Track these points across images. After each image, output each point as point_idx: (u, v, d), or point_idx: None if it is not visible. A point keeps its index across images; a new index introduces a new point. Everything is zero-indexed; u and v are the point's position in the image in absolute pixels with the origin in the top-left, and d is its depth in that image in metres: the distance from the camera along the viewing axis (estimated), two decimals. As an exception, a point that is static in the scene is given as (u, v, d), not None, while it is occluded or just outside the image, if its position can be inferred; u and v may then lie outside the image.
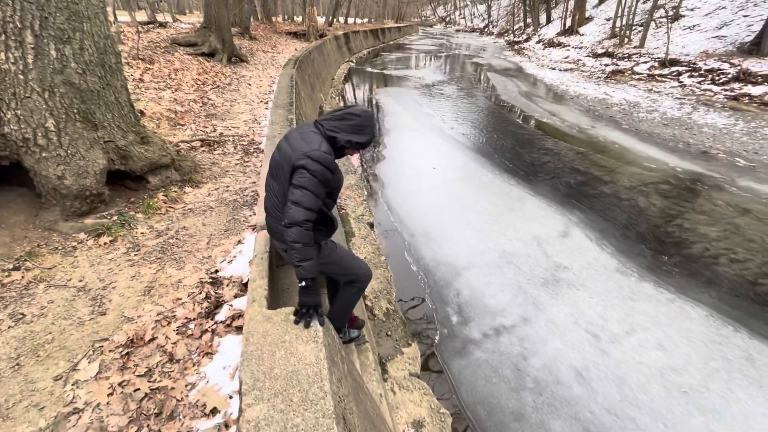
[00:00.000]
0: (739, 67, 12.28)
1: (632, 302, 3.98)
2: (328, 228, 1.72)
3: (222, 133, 5.33)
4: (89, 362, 1.68)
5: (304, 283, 1.42)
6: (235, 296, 2.06)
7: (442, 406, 2.93)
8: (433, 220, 5.49)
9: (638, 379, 3.15)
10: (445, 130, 9.33)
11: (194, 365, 1.66)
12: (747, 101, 10.59)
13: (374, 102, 12.29)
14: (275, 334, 1.32)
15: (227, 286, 2.17)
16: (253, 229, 2.01)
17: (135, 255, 2.65)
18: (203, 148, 4.71)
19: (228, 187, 3.77)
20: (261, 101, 8.00)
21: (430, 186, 6.51)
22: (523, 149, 8.09)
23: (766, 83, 11.08)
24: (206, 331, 1.84)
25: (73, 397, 1.50)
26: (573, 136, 8.75)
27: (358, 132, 1.59)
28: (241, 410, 1.08)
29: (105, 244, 2.70)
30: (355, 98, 13.00)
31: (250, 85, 9.32)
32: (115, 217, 3.01)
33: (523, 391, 3.07)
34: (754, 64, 12.27)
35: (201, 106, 6.73)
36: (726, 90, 11.52)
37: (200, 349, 1.74)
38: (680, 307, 3.93)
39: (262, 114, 6.95)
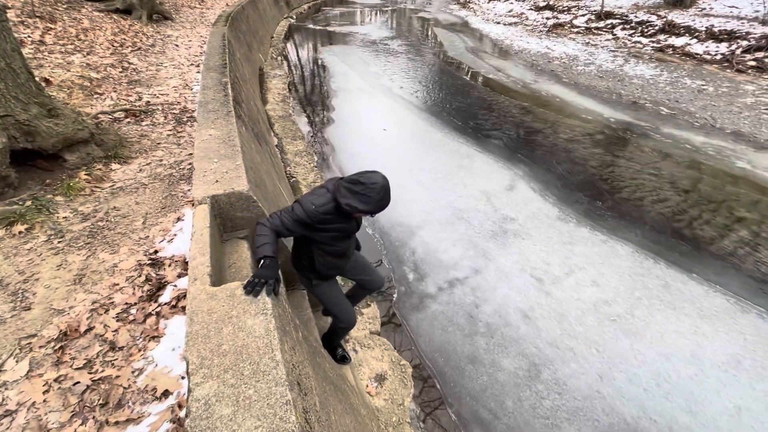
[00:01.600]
0: (664, 19, 13.00)
1: (571, 246, 4.33)
2: (317, 268, 1.98)
3: (149, 102, 4.82)
4: (17, 361, 1.54)
5: (262, 261, 1.54)
6: (179, 276, 1.96)
7: (403, 359, 3.09)
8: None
9: (575, 314, 3.50)
10: (394, 89, 9.14)
11: (140, 351, 1.58)
12: (671, 52, 11.33)
13: (319, 62, 11.66)
14: (221, 310, 1.27)
15: (169, 266, 2.05)
16: (193, 205, 1.88)
17: (59, 242, 2.40)
18: (128, 120, 4.25)
19: (161, 161, 3.47)
20: (192, 64, 7.28)
21: (382, 148, 6.44)
22: (471, 107, 8.18)
23: (687, 34, 11.87)
24: (150, 314, 1.75)
25: (2, 400, 1.38)
26: (518, 92, 8.95)
27: (359, 199, 1.66)
28: (189, 390, 1.05)
29: (20, 233, 2.41)
30: (299, 58, 12.24)
31: (177, 46, 8.41)
32: (28, 202, 2.68)
33: (476, 336, 3.30)
34: (677, 16, 13.04)
35: (121, 72, 5.99)
36: (653, 42, 12.22)
37: (145, 334, 1.66)
38: (611, 246, 4.34)
39: (193, 79, 6.35)
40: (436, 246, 4.31)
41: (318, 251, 1.91)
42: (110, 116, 4.24)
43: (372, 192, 1.65)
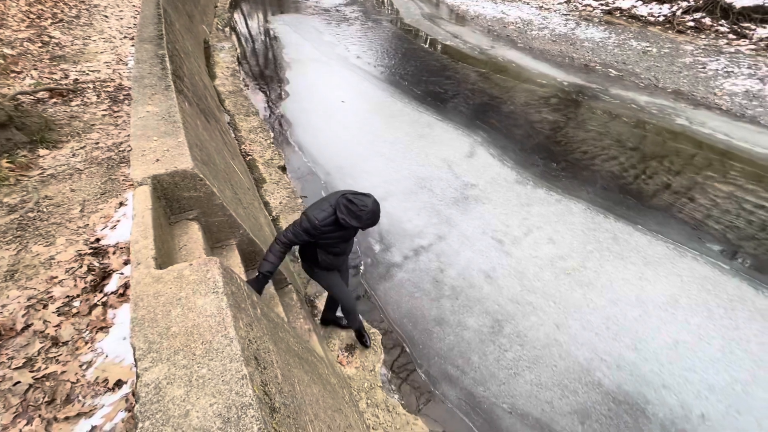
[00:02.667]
0: (612, -19, 13.22)
1: (528, 207, 4.50)
2: (320, 262, 2.34)
3: (77, 80, 4.36)
4: (-53, 368, 1.40)
5: (257, 273, 1.96)
6: (125, 263, 1.84)
7: (372, 327, 3.15)
8: (347, 155, 5.39)
9: (534, 271, 3.69)
10: (351, 59, 8.83)
11: (87, 343, 1.49)
12: (618, 15, 11.64)
13: (270, 32, 11.00)
14: (168, 293, 1.21)
15: (114, 254, 1.92)
16: (133, 187, 1.74)
17: (-15, 238, 2.16)
18: (54, 100, 3.83)
19: (98, 143, 3.18)
20: (125, 37, 6.62)
21: (341, 120, 6.28)
22: (430, 75, 8.08)
23: (632, -4, 12.18)
24: (96, 305, 1.64)
25: (-67, 410, 1.26)
26: (475, 58, 8.93)
27: (353, 216, 1.99)
28: (138, 375, 1.00)
29: (-63, 231, 2.15)
30: (248, 29, 11.47)
31: (106, 17, 7.59)
32: (-57, 197, 2.38)
33: (442, 299, 3.41)
34: (623, -22, 13.30)
35: (41, 47, 5.35)
36: (602, 4, 12.48)
37: (92, 326, 1.56)
38: (565, 205, 4.55)
39: (128, 53, 5.79)
40: (400, 216, 4.33)
41: (321, 251, 2.27)
42: (32, 96, 3.80)
43: (362, 213, 1.97)
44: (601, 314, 3.28)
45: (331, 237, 2.16)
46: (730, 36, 9.53)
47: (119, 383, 1.34)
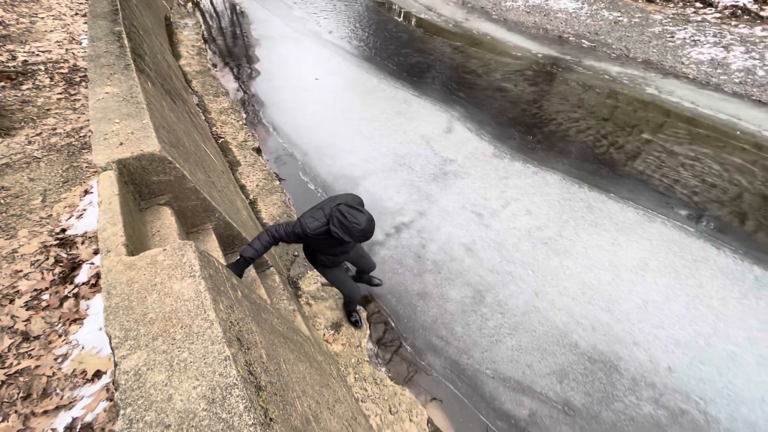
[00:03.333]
0: (584, -51, 13.09)
1: (506, 180, 4.56)
2: (318, 262, 2.43)
3: (26, 61, 4.04)
4: None
5: (239, 257, 1.93)
6: (95, 253, 1.77)
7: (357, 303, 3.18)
8: (324, 135, 5.28)
9: (512, 242, 3.78)
10: (323, 34, 8.52)
11: (60, 336, 1.44)
12: (590, -17, 11.59)
13: (236, 7, 10.45)
14: (143, 279, 1.17)
15: (82, 244, 1.83)
16: (97, 173, 1.65)
17: (-62, 234, 2.02)
18: (2, 84, 3.55)
19: (55, 129, 2.98)
20: (77, 14, 6.15)
21: (316, 98, 6.11)
22: (405, 49, 7.91)
23: (604, -36, 12.12)
24: (67, 297, 1.58)
25: None
26: (450, 31, 8.77)
27: (345, 231, 1.96)
28: (116, 364, 0.97)
29: None
30: (212, 4, 10.85)
31: (53, -9, 6.99)
32: None
33: (424, 274, 3.46)
34: (595, -55, 13.18)
35: (-18, 26, 4.90)
36: (574, -27, 12.38)
37: (65, 318, 1.50)
38: (542, 176, 4.63)
39: (81, 31, 5.39)
40: (380, 194, 4.32)
41: (319, 252, 2.32)
42: (-23, 81, 3.51)
43: (354, 230, 1.94)
44: (577, 280, 3.41)
45: (326, 243, 2.16)
46: (697, 4, 9.69)
47: (98, 374, 1.31)
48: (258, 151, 4.85)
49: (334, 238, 2.05)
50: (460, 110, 5.92)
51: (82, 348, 1.39)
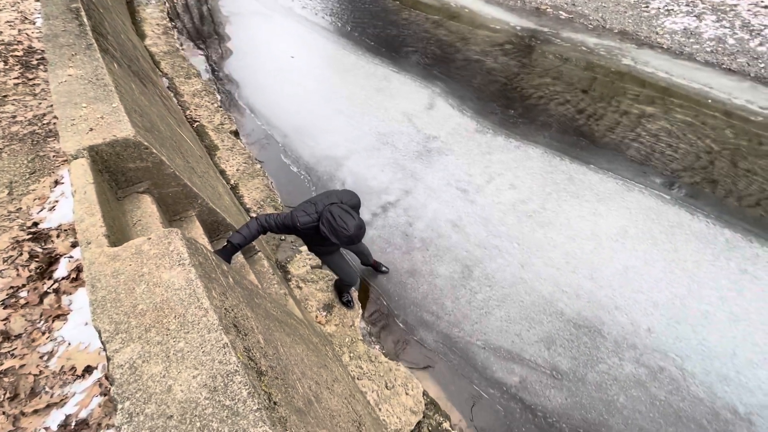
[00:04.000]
0: None
1: (489, 155, 4.58)
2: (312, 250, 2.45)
3: (-25, 43, 3.70)
4: None
5: (226, 243, 1.91)
6: (73, 245, 1.68)
7: (348, 286, 3.18)
8: (303, 115, 5.14)
9: (498, 216, 3.83)
10: (295, 9, 8.17)
11: (44, 334, 1.38)
12: (566, -48, 11.43)
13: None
14: (129, 270, 1.12)
15: (58, 237, 1.74)
16: (68, 162, 1.55)
17: None
18: (-50, 69, 3.25)
19: (15, 117, 2.78)
20: (26, -10, 5.65)
21: (292, 78, 5.91)
22: (382, 24, 7.68)
23: (580, -68, 11.93)
24: (47, 293, 1.51)
25: None
26: (427, 4, 8.55)
27: (333, 234, 1.92)
28: (108, 359, 0.94)
29: None
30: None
31: (-4, -35, 6.39)
32: None
33: (413, 252, 3.48)
34: None
35: None
36: (551, -59, 12.16)
37: (47, 315, 1.44)
38: (524, 150, 4.67)
39: (33, 9, 4.97)
40: (365, 174, 4.27)
41: (311, 243, 2.31)
42: None
43: (341, 234, 1.89)
44: (561, 250, 3.51)
45: (316, 238, 2.13)
46: (671, -28, 9.71)
47: (89, 369, 1.27)
48: (236, 134, 4.69)
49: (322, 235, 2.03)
50: (441, 86, 5.84)
51: (69, 344, 1.34)
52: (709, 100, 5.73)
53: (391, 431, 2.18)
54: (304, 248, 3.32)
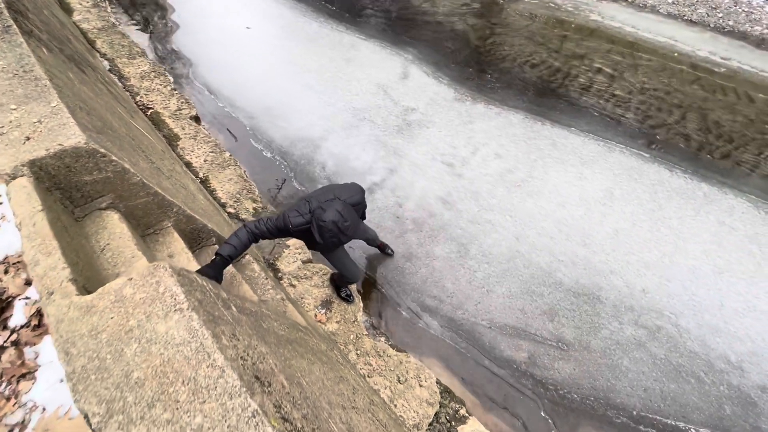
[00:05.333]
0: None
1: (471, 124, 4.42)
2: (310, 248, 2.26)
3: None
4: None
5: (215, 256, 1.67)
6: (27, 283, 1.40)
7: (344, 278, 3.02)
8: (270, 93, 4.71)
9: (487, 188, 3.73)
10: (243, -28, 7.36)
11: (10, 399, 1.14)
12: None
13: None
14: (112, 326, 0.89)
15: (6, 273, 1.45)
16: (8, 183, 1.23)
17: None
18: None
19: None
20: None
21: (252, 52, 5.38)
22: (341, -15, 7.09)
23: None
24: (4, 347, 1.25)
25: None
26: (387, -39, 7.95)
27: (315, 230, 1.76)
28: (105, 447, 0.74)
29: None
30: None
31: None
32: None
33: (406, 234, 3.34)
34: None
35: None
36: None
37: (9, 375, 1.19)
38: (505, 117, 4.54)
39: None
40: (345, 154, 4.01)
41: (308, 242, 2.13)
42: None
43: (324, 233, 1.74)
44: (553, 219, 3.48)
45: (312, 240, 1.92)
46: None
47: (76, 437, 1.06)
48: (196, 119, 4.24)
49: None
50: (413, 52, 5.52)
51: (44, 410, 1.12)
52: (675, 53, 5.77)
53: (409, 427, 2.11)
54: (292, 242, 3.10)
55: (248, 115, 4.46)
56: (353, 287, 2.88)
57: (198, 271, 1.59)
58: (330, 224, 1.70)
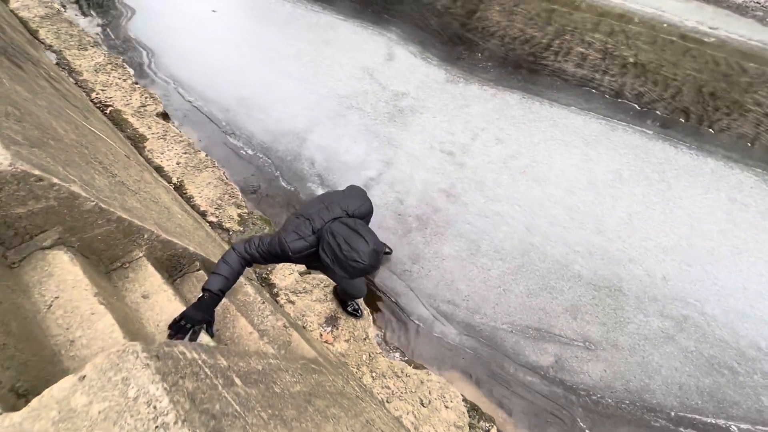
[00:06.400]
0: None
1: (467, 108, 4.12)
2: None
3: None
4: None
5: (202, 293, 1.36)
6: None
7: (347, 288, 2.72)
8: (246, 83, 4.27)
9: (492, 177, 3.47)
10: (203, -51, 6.69)
11: None
12: None
13: None
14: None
15: None
16: None
17: None
18: None
19: None
20: None
21: (221, 37, 4.87)
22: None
23: None
24: None
25: None
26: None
27: (336, 263, 1.40)
28: None
29: None
30: None
31: None
32: None
33: (410, 234, 3.06)
34: None
35: None
36: None
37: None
38: (501, 98, 4.26)
39: None
40: (335, 147, 3.65)
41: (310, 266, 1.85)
42: None
43: (352, 268, 1.37)
44: (563, 206, 3.27)
45: (318, 266, 1.70)
46: None
47: None
48: (164, 116, 3.78)
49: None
50: (396, 31, 5.14)
51: None
52: (665, 24, 5.59)
53: (440, 456, 1.88)
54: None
55: (222, 108, 4.02)
56: (361, 301, 2.59)
57: (184, 316, 1.26)
58: (368, 265, 1.36)
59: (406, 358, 2.36)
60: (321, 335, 2.31)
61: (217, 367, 0.86)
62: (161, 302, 1.33)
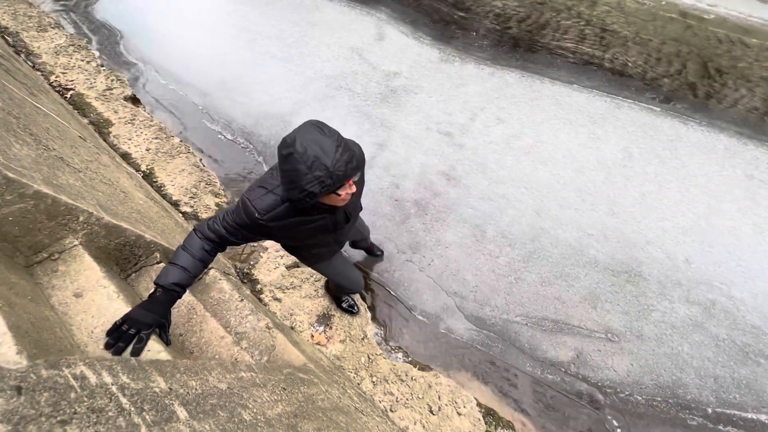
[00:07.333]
0: None
1: (464, 87, 3.85)
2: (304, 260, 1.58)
3: None
4: None
5: (155, 288, 1.06)
6: None
7: (341, 282, 2.43)
8: (224, 65, 3.93)
9: (494, 158, 3.21)
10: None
11: None
12: None
13: None
14: None
15: None
16: None
17: None
18: None
19: None
20: None
21: (198, 18, 4.51)
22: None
23: None
24: None
25: None
26: None
27: (285, 185, 0.98)
28: None
29: None
30: None
31: None
32: None
33: (409, 220, 2.78)
34: None
35: None
36: None
37: None
38: (500, 77, 4.00)
39: None
40: (323, 131, 3.34)
41: (298, 251, 1.47)
42: None
43: (318, 174, 0.92)
44: (573, 187, 3.02)
45: (300, 231, 1.19)
46: None
47: None
48: (134, 100, 3.42)
49: (310, 217, 1.14)
50: (386, 11, 4.83)
51: None
52: (663, 2, 5.38)
53: (454, 472, 1.60)
54: (270, 243, 2.46)
55: (200, 92, 3.68)
56: (356, 295, 2.30)
57: (127, 319, 0.96)
58: (333, 153, 0.92)
59: (410, 359, 2.08)
60: (312, 336, 2.01)
61: (147, 394, 0.56)
62: (99, 302, 1.03)
